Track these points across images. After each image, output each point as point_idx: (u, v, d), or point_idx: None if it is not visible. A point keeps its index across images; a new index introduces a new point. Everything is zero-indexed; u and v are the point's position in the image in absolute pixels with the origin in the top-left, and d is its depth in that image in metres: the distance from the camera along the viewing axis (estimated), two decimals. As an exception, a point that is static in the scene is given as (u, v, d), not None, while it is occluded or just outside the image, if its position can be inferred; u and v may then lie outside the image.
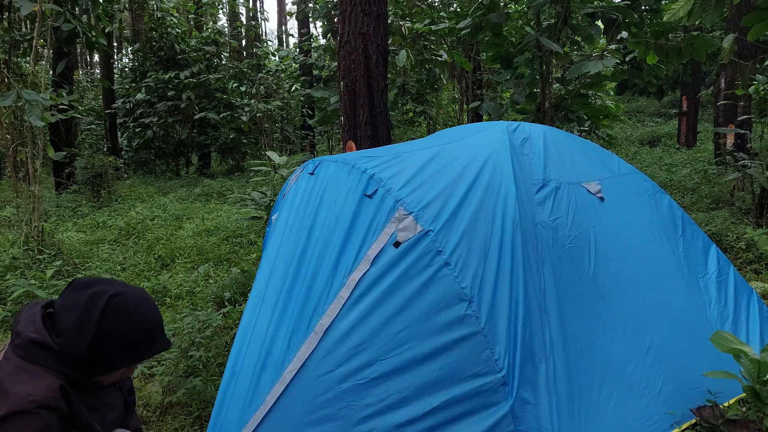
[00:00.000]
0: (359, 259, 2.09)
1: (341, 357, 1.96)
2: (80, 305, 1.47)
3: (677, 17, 5.11)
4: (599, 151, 3.13)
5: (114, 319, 1.48)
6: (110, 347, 1.48)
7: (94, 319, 1.46)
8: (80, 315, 1.46)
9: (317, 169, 2.66)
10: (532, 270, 2.19)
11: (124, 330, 1.50)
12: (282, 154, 6.85)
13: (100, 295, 1.49)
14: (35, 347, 1.44)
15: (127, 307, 1.51)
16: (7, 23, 6.03)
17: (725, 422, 2.17)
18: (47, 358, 1.45)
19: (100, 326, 1.46)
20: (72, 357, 1.46)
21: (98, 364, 1.50)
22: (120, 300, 1.50)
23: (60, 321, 1.48)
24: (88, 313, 1.46)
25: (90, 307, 1.47)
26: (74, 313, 1.47)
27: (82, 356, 1.46)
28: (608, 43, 6.39)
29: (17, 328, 1.48)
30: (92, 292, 1.49)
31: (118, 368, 1.54)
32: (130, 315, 1.51)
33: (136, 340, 1.52)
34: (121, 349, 1.51)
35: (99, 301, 1.48)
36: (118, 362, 1.53)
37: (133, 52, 14.95)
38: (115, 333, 1.48)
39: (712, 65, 12.24)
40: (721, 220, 5.56)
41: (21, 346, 1.45)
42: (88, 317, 1.46)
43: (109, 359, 1.50)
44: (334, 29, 9.74)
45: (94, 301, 1.48)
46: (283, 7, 27.86)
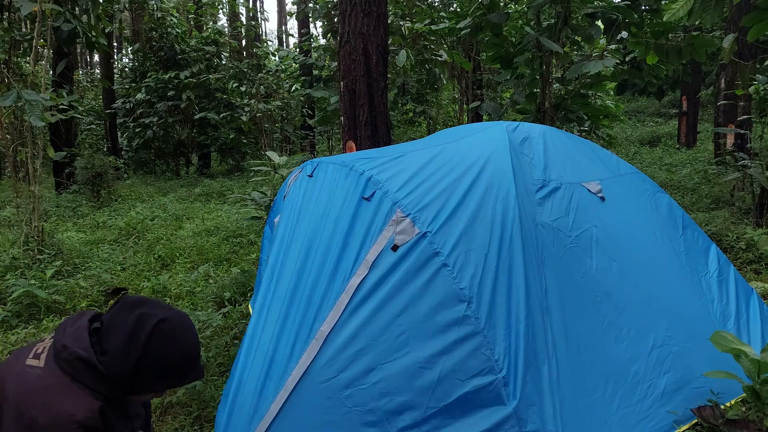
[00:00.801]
0: (358, 263, 2.09)
1: (343, 363, 1.96)
2: (128, 326, 1.49)
3: (677, 17, 5.12)
4: (599, 151, 3.13)
5: (160, 344, 1.50)
6: (151, 371, 1.51)
7: (140, 342, 1.47)
8: (128, 337, 1.48)
9: (315, 171, 2.66)
10: (533, 270, 2.18)
11: (167, 356, 1.52)
12: (282, 154, 6.85)
13: (149, 318, 1.51)
14: (81, 364, 1.46)
15: (173, 334, 1.54)
16: (7, 23, 6.03)
17: (725, 422, 2.17)
18: (89, 377, 1.46)
19: (145, 350, 1.48)
20: (114, 377, 1.48)
21: (135, 385, 1.52)
22: (167, 326, 1.53)
23: (107, 340, 1.49)
24: (136, 336, 1.48)
25: (138, 329, 1.49)
26: (122, 334, 1.48)
27: (124, 377, 1.48)
28: (608, 43, 6.39)
29: (64, 341, 1.49)
30: (140, 313, 1.51)
31: (154, 391, 1.58)
32: (176, 341, 1.54)
33: (177, 367, 1.56)
34: (161, 374, 1.53)
35: (147, 325, 1.49)
36: (156, 386, 1.56)
37: (133, 52, 14.95)
38: (159, 358, 1.51)
39: (712, 65, 12.24)
40: (721, 220, 5.56)
41: (67, 361, 1.46)
42: (135, 340, 1.48)
43: (148, 382, 1.53)
44: (334, 29, 9.74)
45: (142, 324, 1.49)
46: (283, 7, 27.86)
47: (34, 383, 1.44)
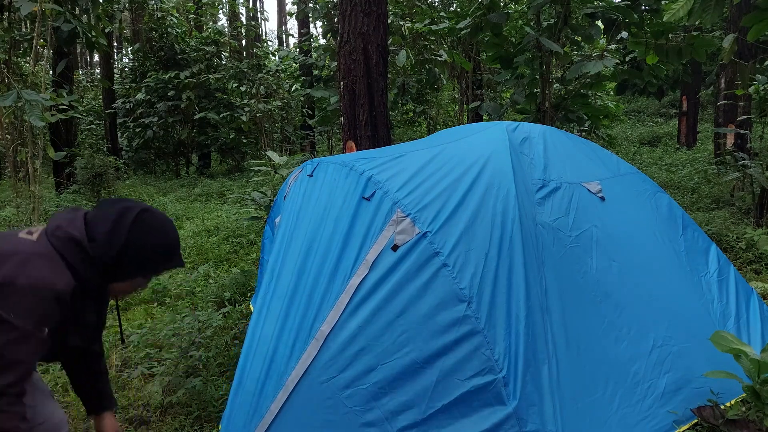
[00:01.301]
0: (358, 263, 2.09)
1: (343, 363, 1.96)
2: (112, 216, 1.62)
3: (677, 17, 5.12)
4: (599, 151, 3.13)
5: (142, 230, 1.63)
6: (134, 256, 1.63)
7: (125, 228, 1.60)
8: (112, 224, 1.61)
9: (315, 170, 2.66)
10: (533, 270, 2.18)
11: (149, 242, 1.65)
12: (282, 154, 6.84)
13: (131, 209, 1.64)
14: (72, 244, 1.57)
15: (154, 223, 1.67)
16: (7, 23, 6.03)
17: (725, 422, 2.17)
18: (77, 257, 1.57)
19: (129, 236, 1.60)
20: (100, 261, 1.59)
21: (119, 271, 1.64)
22: (149, 216, 1.66)
23: (94, 229, 1.61)
24: (120, 224, 1.60)
25: (121, 218, 1.61)
26: (107, 223, 1.61)
27: (108, 262, 1.60)
28: (608, 43, 6.39)
29: (60, 223, 1.60)
30: (123, 206, 1.65)
31: (135, 277, 1.70)
32: (156, 229, 1.67)
33: (158, 253, 1.68)
34: (143, 259, 1.66)
35: (130, 214, 1.62)
36: (137, 271, 1.68)
37: (133, 52, 14.95)
38: (141, 244, 1.63)
39: (712, 65, 12.23)
40: (721, 220, 5.56)
41: (59, 238, 1.57)
42: (119, 227, 1.60)
43: (131, 267, 1.65)
44: (334, 29, 9.74)
45: (125, 214, 1.62)
46: (283, 7, 27.86)
47: (22, 247, 1.53)
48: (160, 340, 3.49)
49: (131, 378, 3.09)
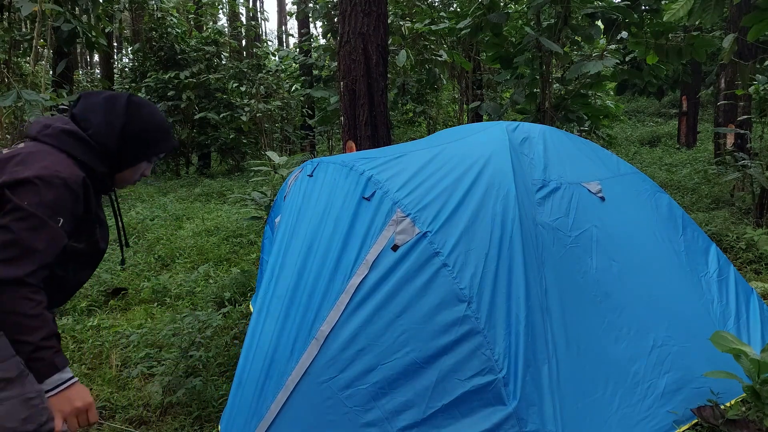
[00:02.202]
0: (358, 263, 2.09)
1: (343, 363, 1.96)
2: (101, 105, 1.61)
3: (677, 17, 5.12)
4: (599, 151, 3.13)
5: (138, 112, 1.63)
6: (136, 137, 1.62)
7: (120, 112, 1.60)
8: (105, 111, 1.60)
9: (315, 170, 2.66)
10: (533, 270, 2.18)
11: (147, 122, 1.65)
12: (282, 154, 6.84)
13: (119, 96, 1.64)
14: (67, 136, 1.54)
15: (146, 104, 1.68)
16: (7, 23, 6.04)
17: (725, 422, 2.17)
18: (78, 148, 1.55)
19: (126, 119, 1.60)
20: (104, 148, 1.58)
21: (123, 157, 1.64)
22: (137, 98, 1.66)
23: (86, 120, 1.59)
24: (113, 109, 1.60)
25: (112, 104, 1.61)
26: (99, 111, 1.59)
27: (112, 147, 1.59)
28: (608, 43, 6.39)
29: (45, 122, 1.57)
30: (107, 95, 1.63)
31: (139, 161, 1.69)
32: (150, 110, 1.68)
33: (158, 133, 1.68)
34: (145, 140, 1.65)
35: (120, 99, 1.64)
36: (141, 154, 1.67)
37: (133, 52, 14.95)
38: (140, 125, 1.63)
39: (712, 65, 12.23)
40: (721, 220, 5.56)
41: (53, 135, 1.53)
42: (114, 112, 1.60)
43: (134, 151, 1.65)
44: (334, 29, 9.74)
45: (114, 100, 1.62)
46: (283, 7, 27.86)
47: (14, 152, 1.49)
48: (160, 340, 3.49)
49: (131, 378, 3.09)
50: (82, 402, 1.49)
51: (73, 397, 1.47)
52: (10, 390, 1.41)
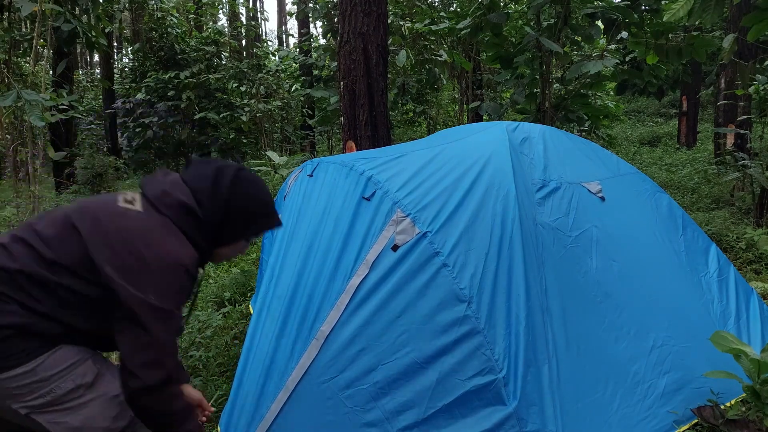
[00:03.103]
0: (358, 263, 2.09)
1: (343, 363, 1.96)
2: (210, 176, 1.56)
3: (677, 17, 5.11)
4: (599, 151, 3.13)
5: (243, 188, 1.58)
6: (239, 216, 1.58)
7: (225, 188, 1.55)
8: (212, 185, 1.54)
9: (315, 170, 2.66)
10: (533, 270, 2.18)
11: (252, 198, 1.60)
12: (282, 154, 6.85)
13: (228, 168, 1.59)
14: (182, 211, 1.50)
15: (253, 180, 1.62)
16: (7, 23, 6.04)
17: (725, 422, 2.17)
18: (189, 224, 1.51)
19: (231, 195, 1.55)
20: (209, 225, 1.54)
21: (225, 233, 1.59)
22: (245, 173, 1.61)
23: (199, 191, 1.54)
24: (220, 183, 1.55)
25: (220, 178, 1.56)
26: (206, 184, 1.54)
27: (217, 224, 1.55)
28: (608, 43, 6.39)
29: (165, 188, 1.52)
30: (217, 166, 1.59)
31: (240, 239, 1.65)
32: (256, 185, 1.62)
33: (260, 212, 1.64)
34: (247, 218, 1.61)
35: (228, 172, 1.58)
36: (242, 232, 1.63)
37: (133, 52, 14.94)
38: (244, 202, 1.58)
39: (712, 65, 12.23)
40: (721, 220, 5.55)
41: (169, 206, 1.49)
42: (220, 186, 1.55)
43: (236, 228, 1.60)
44: (334, 29, 9.74)
45: (222, 173, 1.57)
46: (283, 7, 27.85)
47: (140, 222, 1.45)
48: (160, 340, 3.48)
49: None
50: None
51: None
52: (93, 392, 1.43)
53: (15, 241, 1.42)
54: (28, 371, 1.34)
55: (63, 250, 1.40)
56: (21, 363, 1.33)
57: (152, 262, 1.38)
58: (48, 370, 1.36)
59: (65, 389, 1.38)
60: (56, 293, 1.38)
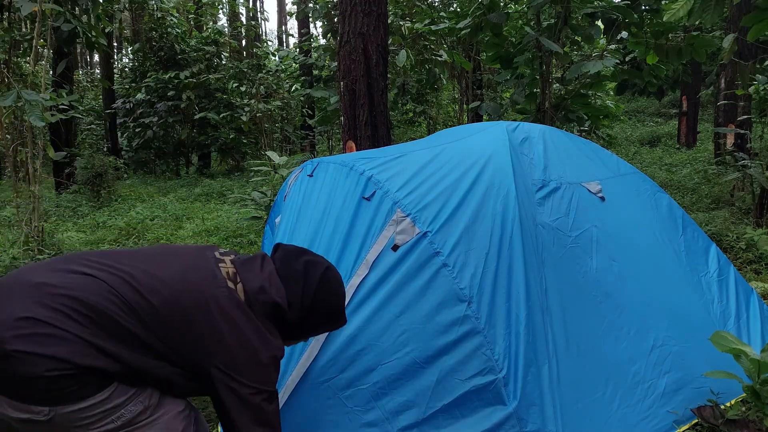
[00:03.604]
0: (358, 263, 2.09)
1: (343, 363, 1.96)
2: (300, 275, 1.60)
3: (677, 17, 5.11)
4: (599, 151, 3.13)
5: (326, 291, 1.63)
6: (315, 316, 1.63)
7: (312, 289, 1.60)
8: (302, 285, 1.59)
9: (315, 170, 2.65)
10: (533, 270, 2.18)
11: (328, 303, 1.65)
12: (282, 154, 6.84)
13: (316, 266, 1.64)
14: (274, 310, 1.55)
15: (335, 281, 1.67)
16: (7, 23, 6.04)
17: (725, 422, 2.17)
18: (282, 328, 1.57)
19: (315, 297, 1.60)
20: (292, 323, 1.59)
21: (300, 329, 1.65)
22: (331, 274, 1.66)
23: (290, 290, 1.58)
24: (308, 283, 1.59)
25: (309, 277, 1.60)
26: (297, 283, 1.59)
27: (297, 323, 1.60)
28: (608, 43, 6.39)
29: (263, 284, 1.55)
30: (306, 261, 1.64)
31: (309, 336, 1.74)
32: (336, 289, 1.67)
33: (333, 314, 1.68)
34: (321, 319, 1.66)
35: (316, 272, 1.62)
36: (312, 331, 1.70)
37: (133, 52, 14.96)
38: (323, 305, 1.63)
39: (712, 65, 12.23)
40: (721, 220, 5.55)
41: (264, 304, 1.53)
42: (308, 287, 1.59)
43: (308, 327, 1.66)
44: (334, 29, 9.74)
45: (311, 272, 1.61)
46: (283, 7, 27.85)
47: (246, 319, 1.49)
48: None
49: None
50: None
51: None
52: (160, 410, 1.46)
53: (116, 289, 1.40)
54: (103, 399, 1.35)
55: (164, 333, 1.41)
56: (95, 393, 1.34)
57: (262, 359, 1.48)
58: (120, 396, 1.38)
59: (135, 412, 1.41)
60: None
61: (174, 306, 1.42)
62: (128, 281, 1.40)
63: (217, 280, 1.50)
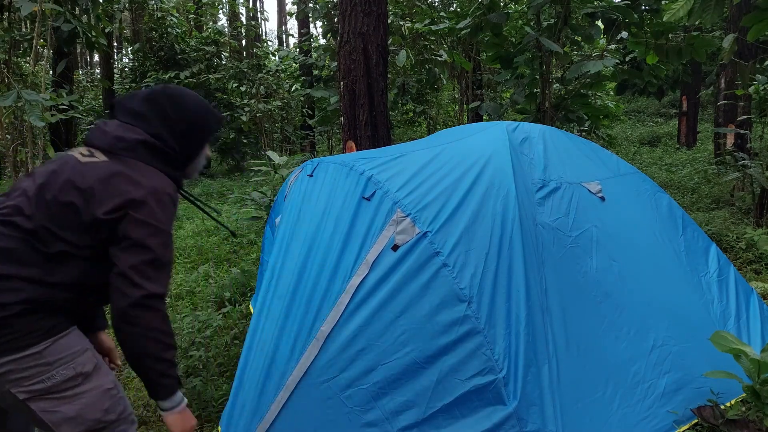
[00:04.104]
0: (358, 263, 2.09)
1: (343, 363, 1.96)
2: (144, 107, 1.58)
3: (677, 17, 5.11)
4: (599, 151, 3.13)
5: (182, 102, 1.62)
6: (190, 129, 1.62)
7: (169, 110, 1.58)
8: (154, 114, 1.57)
9: (316, 170, 2.66)
10: (533, 270, 2.18)
11: (194, 107, 1.63)
12: (282, 154, 6.85)
13: (157, 94, 1.60)
14: (143, 148, 1.54)
15: (182, 90, 1.65)
16: (7, 23, 6.04)
17: (725, 422, 2.17)
18: (156, 159, 1.55)
19: (177, 113, 1.59)
20: (172, 151, 1.58)
21: (187, 152, 1.64)
22: (171, 87, 1.64)
23: (145, 126, 1.56)
24: (162, 109, 1.58)
25: (159, 104, 1.58)
26: (146, 115, 1.57)
27: (176, 149, 1.59)
28: (608, 43, 6.39)
29: (115, 134, 1.53)
30: (144, 95, 1.60)
31: (201, 148, 1.70)
32: (189, 94, 1.65)
33: (204, 115, 1.67)
34: (197, 127, 1.65)
35: (161, 97, 1.60)
36: (199, 141, 1.68)
37: (133, 52, 14.95)
38: (190, 113, 1.62)
39: (712, 65, 12.23)
40: (721, 220, 5.56)
41: (129, 149, 1.52)
42: (163, 111, 1.58)
43: (193, 141, 1.65)
44: (334, 29, 9.74)
45: (156, 100, 1.59)
46: (283, 7, 27.84)
47: (114, 168, 1.48)
48: (160, 340, 3.48)
49: (131, 378, 3.09)
50: (192, 422, 1.55)
51: (189, 418, 1.54)
52: (90, 383, 1.47)
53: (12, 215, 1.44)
54: (36, 353, 1.38)
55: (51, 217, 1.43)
56: (31, 344, 1.37)
57: (146, 196, 1.45)
58: (54, 354, 1.40)
59: (65, 376, 1.43)
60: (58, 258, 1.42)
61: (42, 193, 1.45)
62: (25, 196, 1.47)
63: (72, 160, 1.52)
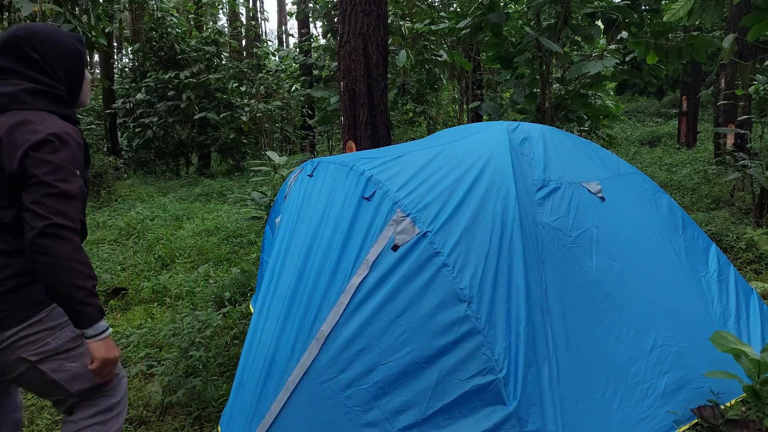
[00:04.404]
0: (358, 263, 2.09)
1: (343, 363, 1.96)
2: (9, 59, 1.58)
3: (677, 17, 5.11)
4: (599, 151, 3.13)
5: (43, 37, 1.61)
6: (61, 61, 1.62)
7: (33, 50, 1.58)
8: (21, 62, 1.58)
9: (316, 170, 2.65)
10: (533, 270, 2.18)
11: (55, 37, 1.63)
12: (282, 154, 6.86)
13: (13, 37, 1.58)
14: (29, 95, 1.56)
15: (35, 26, 1.63)
16: (7, 23, 6.03)
17: (725, 422, 2.17)
18: (45, 102, 1.58)
19: (41, 51, 1.59)
20: (57, 90, 1.60)
21: (68, 82, 1.65)
22: (23, 31, 1.60)
23: (16, 75, 1.57)
24: (25, 52, 1.58)
25: (20, 49, 1.58)
26: (13, 67, 1.57)
27: (57, 86, 1.60)
28: (608, 43, 6.39)
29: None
30: (5, 41, 1.58)
31: (82, 76, 1.71)
32: (41, 31, 1.63)
33: (66, 41, 1.66)
34: (67, 56, 1.65)
35: (19, 41, 1.58)
36: (76, 68, 1.68)
37: (133, 52, 14.95)
38: (52, 49, 1.61)
39: (712, 65, 12.24)
40: (721, 220, 5.56)
41: (16, 101, 1.55)
42: (25, 57, 1.58)
43: (71, 71, 1.65)
44: (334, 29, 9.74)
45: (15, 44, 1.58)
46: (283, 7, 27.84)
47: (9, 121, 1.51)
48: (160, 340, 3.49)
49: (131, 378, 3.09)
50: (116, 352, 1.61)
51: (112, 346, 1.60)
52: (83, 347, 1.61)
53: None
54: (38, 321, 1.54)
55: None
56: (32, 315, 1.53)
57: (47, 137, 1.47)
58: (54, 320, 1.57)
59: (68, 337, 1.59)
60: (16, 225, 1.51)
61: None
62: None
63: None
